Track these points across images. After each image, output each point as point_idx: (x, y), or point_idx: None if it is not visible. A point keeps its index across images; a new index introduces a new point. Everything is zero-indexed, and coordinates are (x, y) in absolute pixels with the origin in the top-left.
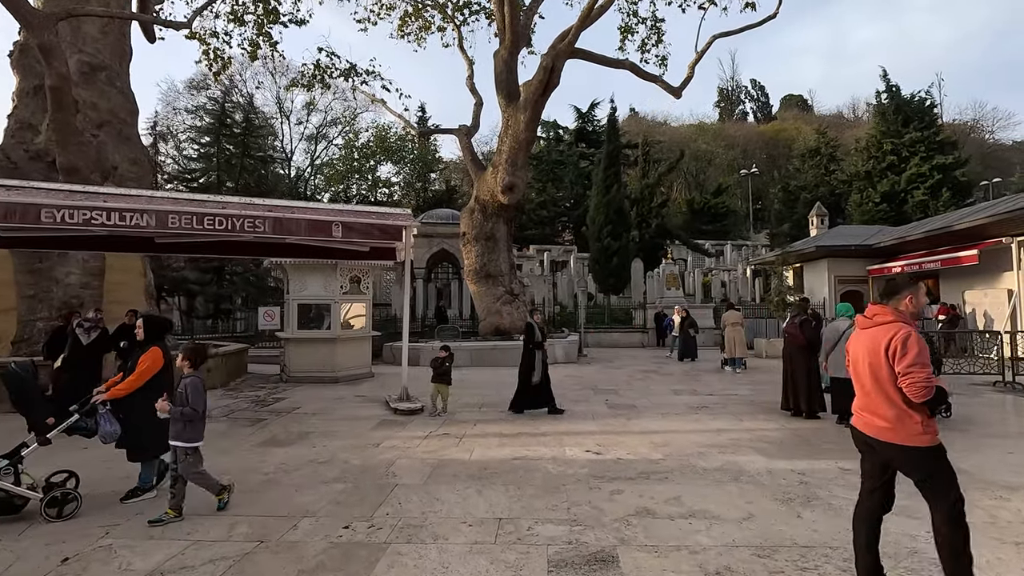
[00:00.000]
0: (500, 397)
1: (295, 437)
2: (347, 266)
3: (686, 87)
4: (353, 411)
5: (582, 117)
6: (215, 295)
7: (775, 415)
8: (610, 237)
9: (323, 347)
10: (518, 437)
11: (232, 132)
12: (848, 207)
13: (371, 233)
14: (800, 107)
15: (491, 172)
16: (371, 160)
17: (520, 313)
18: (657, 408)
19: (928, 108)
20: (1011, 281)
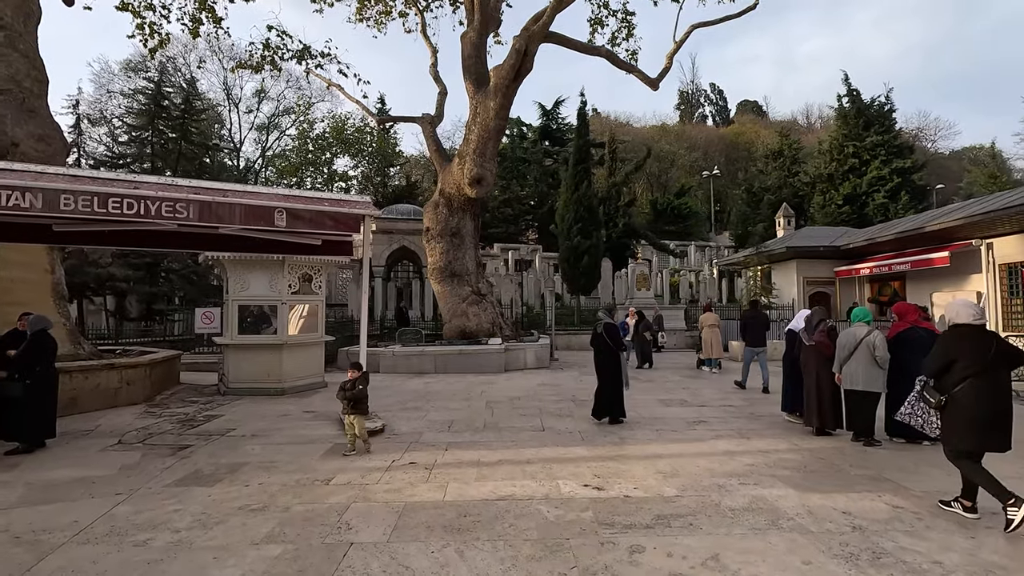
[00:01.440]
0: (472, 411)
1: (224, 471)
2: (296, 262)
3: (664, 78)
4: (300, 431)
5: (547, 115)
6: (148, 294)
7: (780, 430)
8: (580, 236)
9: (268, 354)
10: (499, 466)
11: (170, 115)
12: (811, 209)
13: (323, 223)
14: (755, 112)
15: (457, 163)
16: (327, 152)
17: (488, 314)
18: (650, 424)
19: (887, 113)
20: (979, 283)
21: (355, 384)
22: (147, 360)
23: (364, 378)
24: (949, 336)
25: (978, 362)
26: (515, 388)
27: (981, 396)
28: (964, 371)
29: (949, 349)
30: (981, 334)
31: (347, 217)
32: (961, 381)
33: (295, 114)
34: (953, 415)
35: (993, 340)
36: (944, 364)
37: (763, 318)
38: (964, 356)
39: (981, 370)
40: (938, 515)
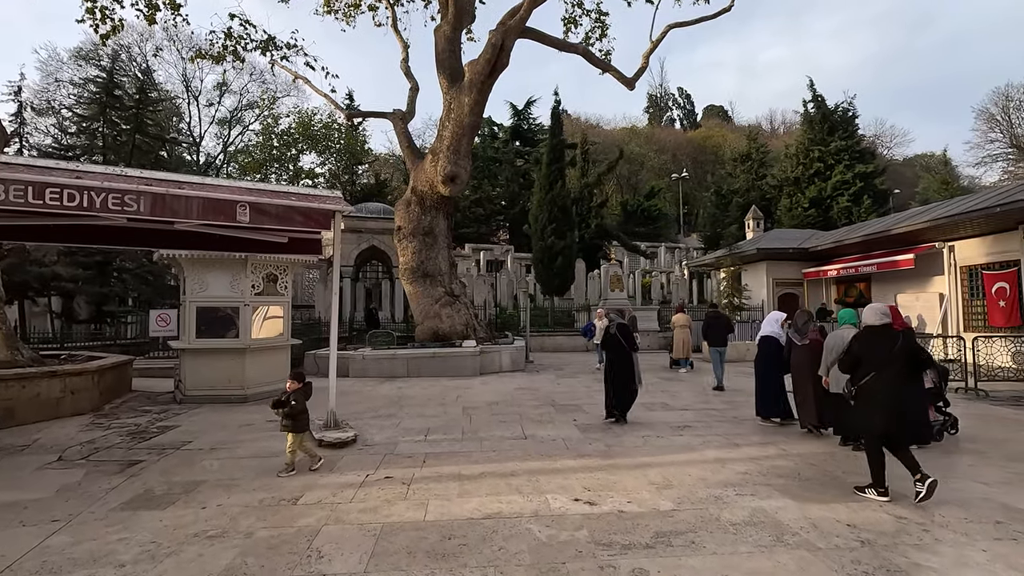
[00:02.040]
0: (449, 418)
1: (178, 491)
2: (261, 261)
3: (640, 77)
4: (265, 444)
5: (518, 115)
6: (98, 295)
7: (766, 434)
8: (554, 236)
9: (229, 359)
10: (483, 479)
11: (123, 105)
12: (778, 211)
13: (290, 219)
14: (721, 117)
15: (430, 160)
16: (293, 148)
17: (461, 316)
18: (635, 430)
19: (851, 119)
20: (942, 285)
21: (290, 399)
22: (94, 366)
23: (303, 390)
24: (860, 336)
25: (882, 358)
26: (492, 392)
27: (883, 388)
28: (869, 366)
29: (859, 347)
30: (886, 334)
31: (317, 213)
32: (867, 375)
33: (259, 108)
34: (860, 404)
35: (898, 339)
36: (855, 360)
37: (724, 320)
38: (871, 353)
39: (884, 365)
40: (944, 526)
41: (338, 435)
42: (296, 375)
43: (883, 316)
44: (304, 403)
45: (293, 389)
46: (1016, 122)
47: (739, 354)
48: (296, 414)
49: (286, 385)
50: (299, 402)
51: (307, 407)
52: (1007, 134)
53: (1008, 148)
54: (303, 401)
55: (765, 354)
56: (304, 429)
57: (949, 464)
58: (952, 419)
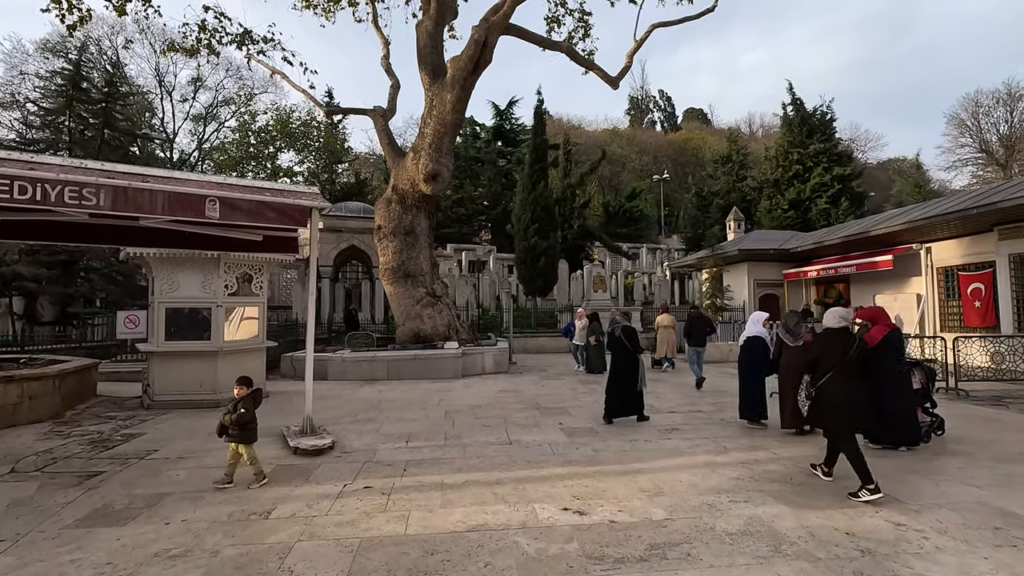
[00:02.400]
0: (430, 423)
1: (140, 505)
2: (234, 260)
3: (624, 76)
4: None
5: (500, 115)
6: (63, 295)
7: (754, 438)
8: (537, 236)
9: (200, 362)
10: (467, 489)
11: (90, 98)
12: (758, 213)
13: (263, 215)
14: (701, 120)
15: (412, 158)
16: (270, 146)
17: (443, 317)
18: (622, 433)
19: (829, 122)
20: (919, 286)
21: (236, 407)
22: (55, 371)
23: (253, 397)
24: (820, 338)
25: (839, 359)
26: (475, 395)
27: (840, 387)
28: (828, 366)
29: (820, 349)
30: (844, 336)
31: (292, 209)
32: (825, 375)
33: (235, 105)
34: (821, 402)
35: (854, 341)
36: (815, 361)
37: (705, 320)
38: (829, 354)
39: (841, 365)
40: (943, 533)
41: (314, 442)
42: (244, 380)
43: (842, 320)
44: (253, 411)
45: (241, 396)
46: (985, 127)
47: (722, 355)
48: (245, 423)
49: (233, 391)
50: (248, 410)
51: (256, 416)
52: (976, 139)
53: (977, 153)
54: (252, 409)
55: (752, 355)
56: (252, 440)
57: (939, 466)
58: (939, 420)
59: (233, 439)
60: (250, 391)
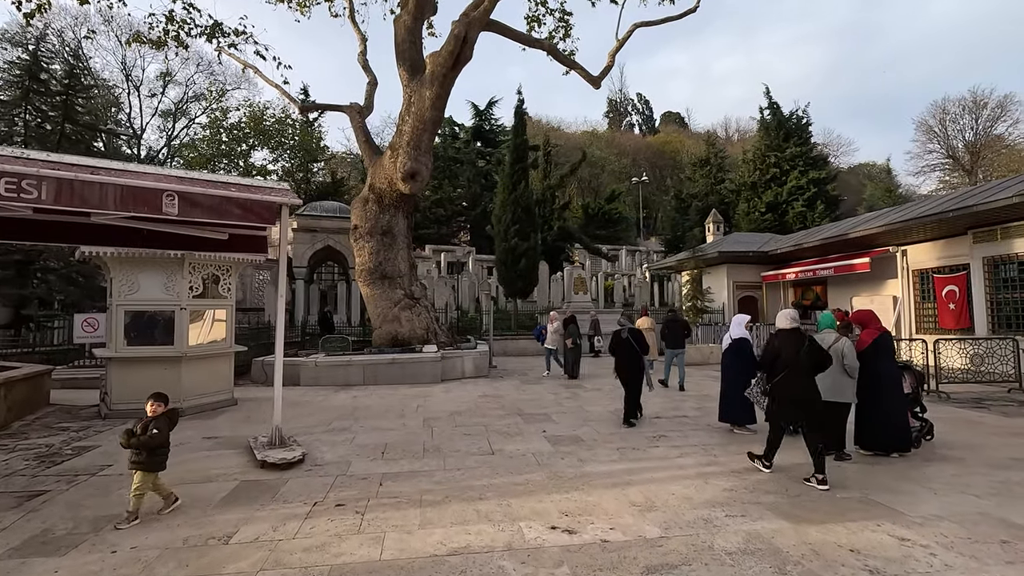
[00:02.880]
0: (408, 432)
1: (86, 530)
2: (200, 260)
3: (606, 75)
4: (198, 465)
5: (480, 115)
6: (17, 297)
7: (744, 444)
8: (518, 237)
9: (162, 368)
10: (447, 505)
11: (49, 90)
12: (736, 215)
13: (228, 212)
14: (678, 123)
15: (390, 156)
16: (243, 143)
17: (422, 319)
18: (608, 441)
19: (805, 126)
20: (895, 288)
21: (148, 426)
22: (1, 378)
23: (169, 417)
24: (774, 338)
25: (791, 358)
26: (454, 401)
27: (792, 383)
28: (782, 365)
29: (774, 348)
30: (796, 336)
31: (259, 206)
32: (779, 373)
33: (207, 101)
34: (775, 398)
35: (804, 341)
36: (771, 359)
37: (682, 323)
38: (782, 353)
39: (793, 364)
40: (949, 548)
41: (283, 455)
42: (159, 397)
43: (793, 321)
44: (168, 433)
45: (155, 414)
46: (952, 134)
47: (703, 357)
48: (155, 447)
49: (147, 408)
50: (162, 431)
51: (170, 439)
52: (944, 145)
53: (945, 158)
54: (167, 430)
55: (738, 358)
56: (159, 468)
57: (933, 473)
58: (928, 425)
59: (138, 466)
60: (166, 409)
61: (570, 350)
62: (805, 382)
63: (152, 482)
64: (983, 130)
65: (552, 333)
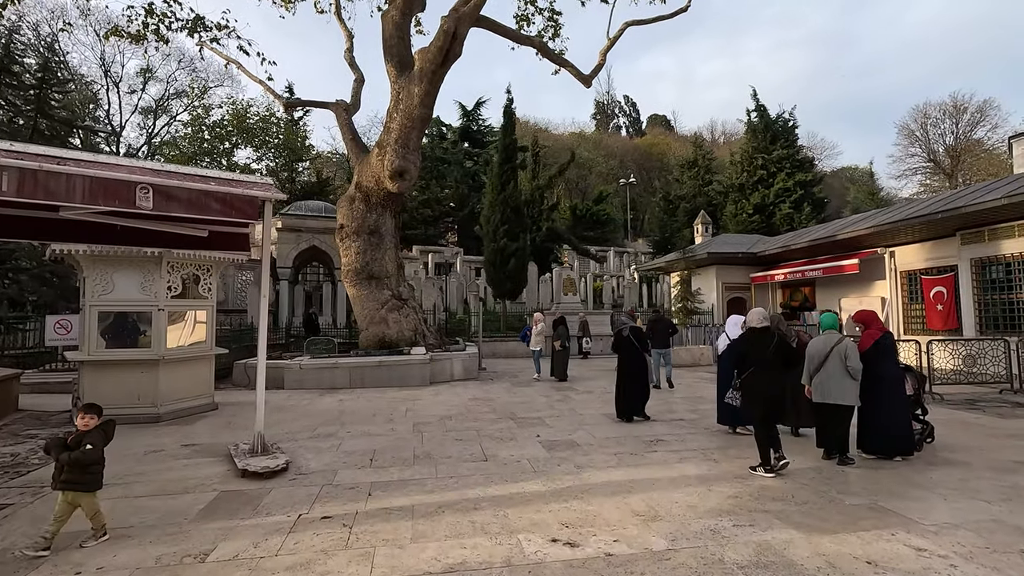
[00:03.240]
0: (398, 437)
1: (51, 544)
2: (179, 259)
3: (597, 74)
4: (174, 475)
5: (467, 115)
6: None
7: (743, 448)
8: (507, 238)
9: (139, 372)
10: (441, 517)
11: (21, 83)
12: (724, 217)
13: (206, 207)
14: (664, 126)
15: (377, 154)
16: (226, 142)
17: (410, 321)
18: (604, 446)
19: (791, 128)
20: (883, 289)
21: (82, 440)
22: None
23: (104, 431)
24: (745, 336)
25: (762, 355)
26: (444, 405)
27: (761, 380)
28: (752, 362)
29: (746, 346)
30: (765, 335)
31: (240, 201)
32: (749, 369)
33: (188, 98)
34: (746, 394)
35: (773, 339)
36: (742, 357)
37: (667, 323)
38: (753, 351)
39: (763, 361)
40: (968, 559)
41: (265, 463)
42: (91, 408)
43: (764, 319)
44: (102, 450)
45: (87, 428)
46: (933, 138)
47: (693, 359)
48: (88, 464)
49: (76, 421)
50: (96, 447)
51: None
52: (925, 149)
53: (926, 162)
54: (101, 446)
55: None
56: (95, 487)
57: (940, 478)
58: (929, 427)
59: (69, 486)
60: (100, 422)
61: (558, 352)
62: (772, 378)
63: (88, 505)
64: (963, 134)
65: (536, 335)
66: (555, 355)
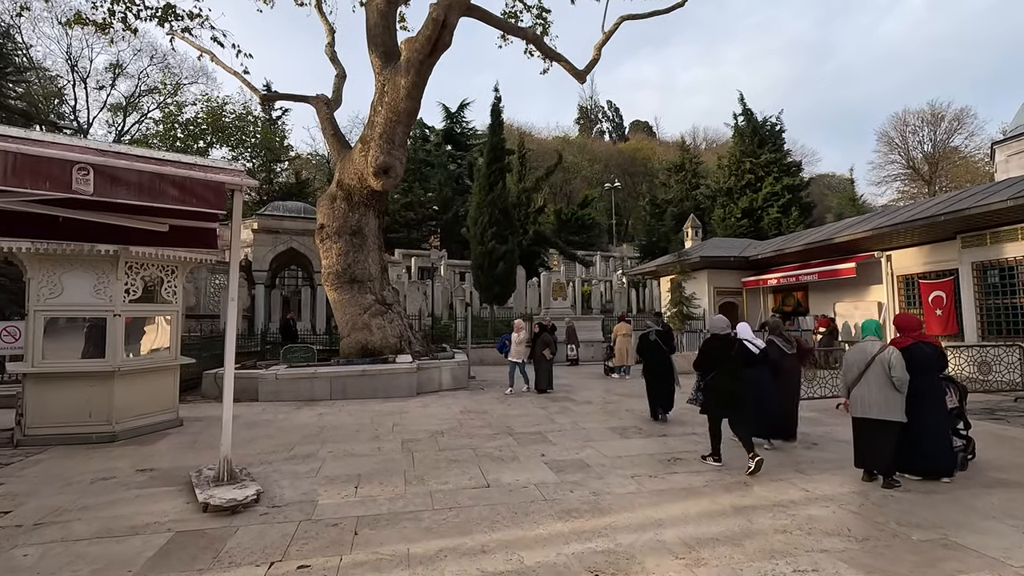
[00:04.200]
0: (385, 458)
1: None
2: (139, 259)
3: (592, 69)
4: (125, 510)
5: (451, 117)
6: None
7: (770, 464)
8: (495, 240)
9: (90, 386)
10: (443, 562)
11: None
12: (712, 221)
13: (161, 192)
14: (646, 132)
15: (360, 150)
16: (200, 140)
17: (395, 327)
18: (618, 466)
19: (779, 133)
20: (880, 293)
21: None
22: None
23: None
24: (708, 341)
25: (722, 360)
26: (434, 418)
27: (722, 382)
28: (714, 365)
29: (712, 352)
30: (726, 341)
31: (201, 186)
32: (710, 372)
33: (160, 94)
34: (708, 395)
35: (734, 345)
36: (705, 361)
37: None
38: (715, 356)
39: (723, 365)
40: None
41: (232, 494)
42: None
43: (726, 328)
44: None
45: None
46: (912, 145)
47: (690, 367)
48: None
49: None
50: None
51: None
52: (904, 156)
53: (905, 169)
54: None
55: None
56: None
57: (1003, 504)
58: (971, 443)
59: None
60: None
61: (546, 360)
62: (733, 380)
63: None
64: (941, 142)
65: (517, 344)
66: (538, 363)
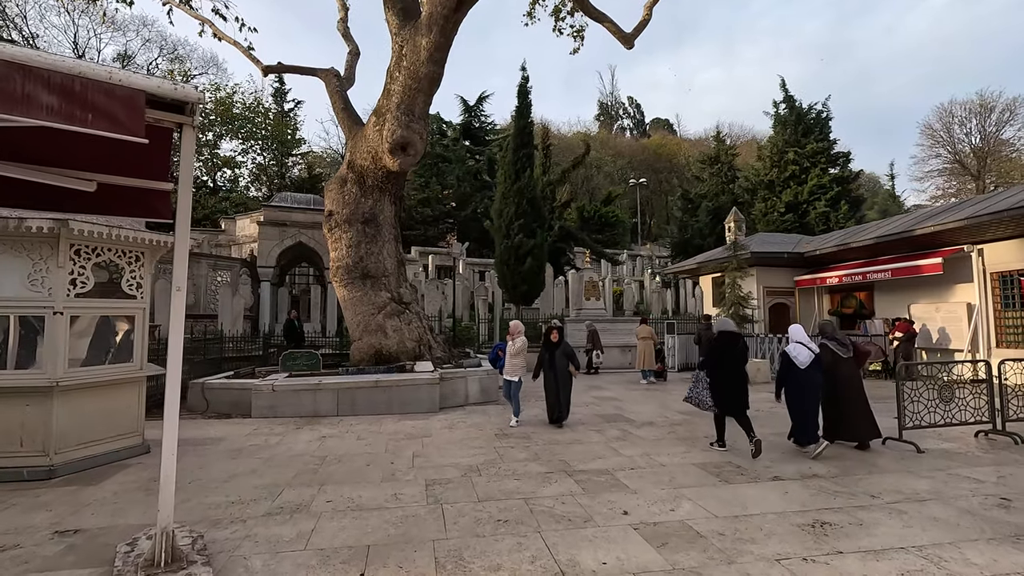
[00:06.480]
0: (404, 513)
1: None
2: (88, 240)
3: (641, 32)
4: None
5: (469, 111)
6: None
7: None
8: (522, 233)
9: (20, 405)
10: None
11: None
12: (752, 216)
13: (67, 115)
14: (667, 129)
15: (374, 124)
16: (209, 132)
17: (412, 329)
18: (745, 537)
19: (825, 120)
20: (967, 293)
21: None
22: None
23: None
24: (716, 339)
25: (726, 356)
26: (464, 445)
27: (726, 378)
28: (720, 362)
29: (714, 348)
30: (733, 338)
31: (104, 96)
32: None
33: None
34: (714, 390)
35: (738, 341)
36: (716, 359)
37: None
38: (721, 353)
39: (726, 362)
40: None
41: None
42: None
43: (731, 326)
44: None
45: None
46: (958, 138)
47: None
48: None
49: None
50: None
51: None
52: (950, 149)
53: (951, 163)
54: None
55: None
56: None
57: None
58: None
59: None
60: None
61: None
62: (741, 375)
63: None
64: (990, 134)
65: (513, 356)
66: (550, 382)
